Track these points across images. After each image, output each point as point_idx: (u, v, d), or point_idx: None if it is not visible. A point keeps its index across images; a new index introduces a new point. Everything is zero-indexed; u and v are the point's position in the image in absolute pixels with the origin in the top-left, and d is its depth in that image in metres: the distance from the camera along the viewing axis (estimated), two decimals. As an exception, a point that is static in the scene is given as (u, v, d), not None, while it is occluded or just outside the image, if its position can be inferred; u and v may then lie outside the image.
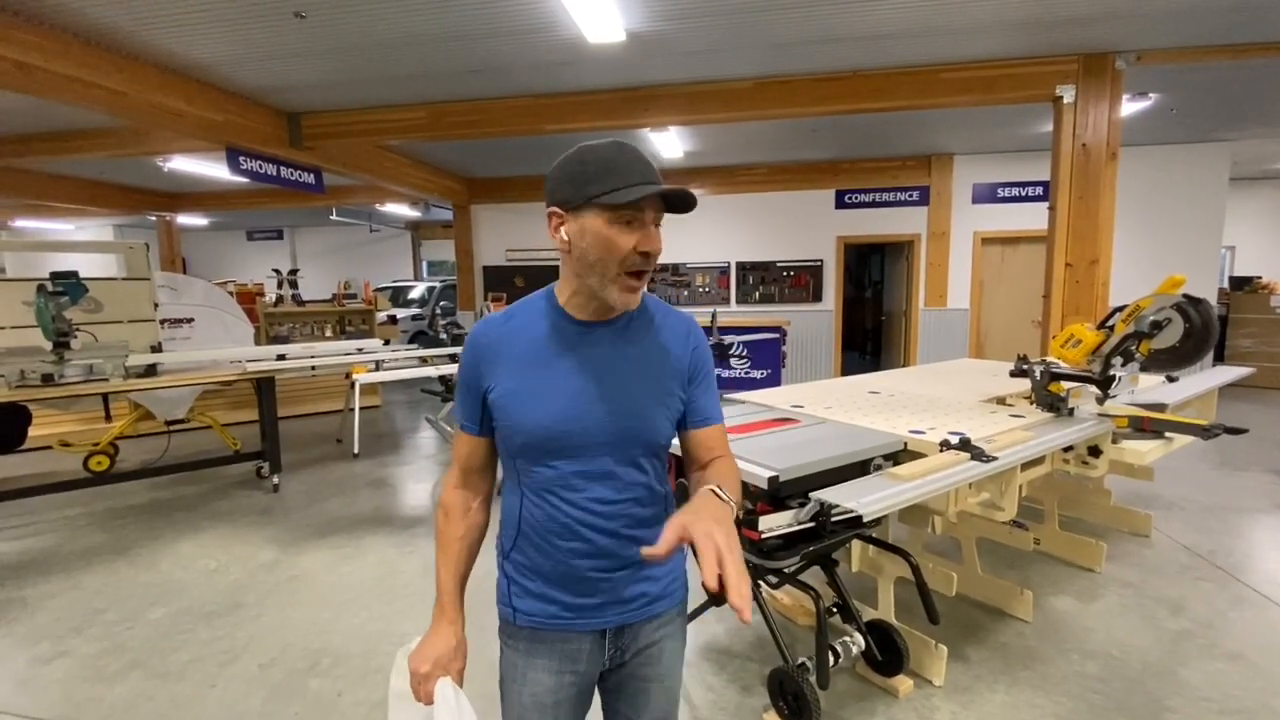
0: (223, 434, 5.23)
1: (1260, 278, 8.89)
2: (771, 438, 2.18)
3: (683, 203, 0.94)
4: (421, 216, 12.48)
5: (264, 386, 4.49)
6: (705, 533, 0.79)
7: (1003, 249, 8.13)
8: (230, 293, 7.16)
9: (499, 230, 9.22)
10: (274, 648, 2.55)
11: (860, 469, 2.04)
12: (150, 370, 4.12)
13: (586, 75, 4.72)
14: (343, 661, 2.44)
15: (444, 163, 8.01)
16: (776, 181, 8.37)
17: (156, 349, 4.27)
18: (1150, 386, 3.27)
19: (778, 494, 1.85)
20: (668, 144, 6.78)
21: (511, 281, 9.13)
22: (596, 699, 1.16)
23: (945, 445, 2.00)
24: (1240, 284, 8.80)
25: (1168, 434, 2.51)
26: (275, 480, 4.52)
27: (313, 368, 5.24)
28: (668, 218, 0.98)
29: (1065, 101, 4.52)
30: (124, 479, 4.49)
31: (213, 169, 7.02)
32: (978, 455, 1.92)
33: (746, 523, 1.86)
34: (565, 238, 0.97)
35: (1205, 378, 3.38)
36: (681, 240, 8.61)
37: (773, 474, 1.79)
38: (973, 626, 2.63)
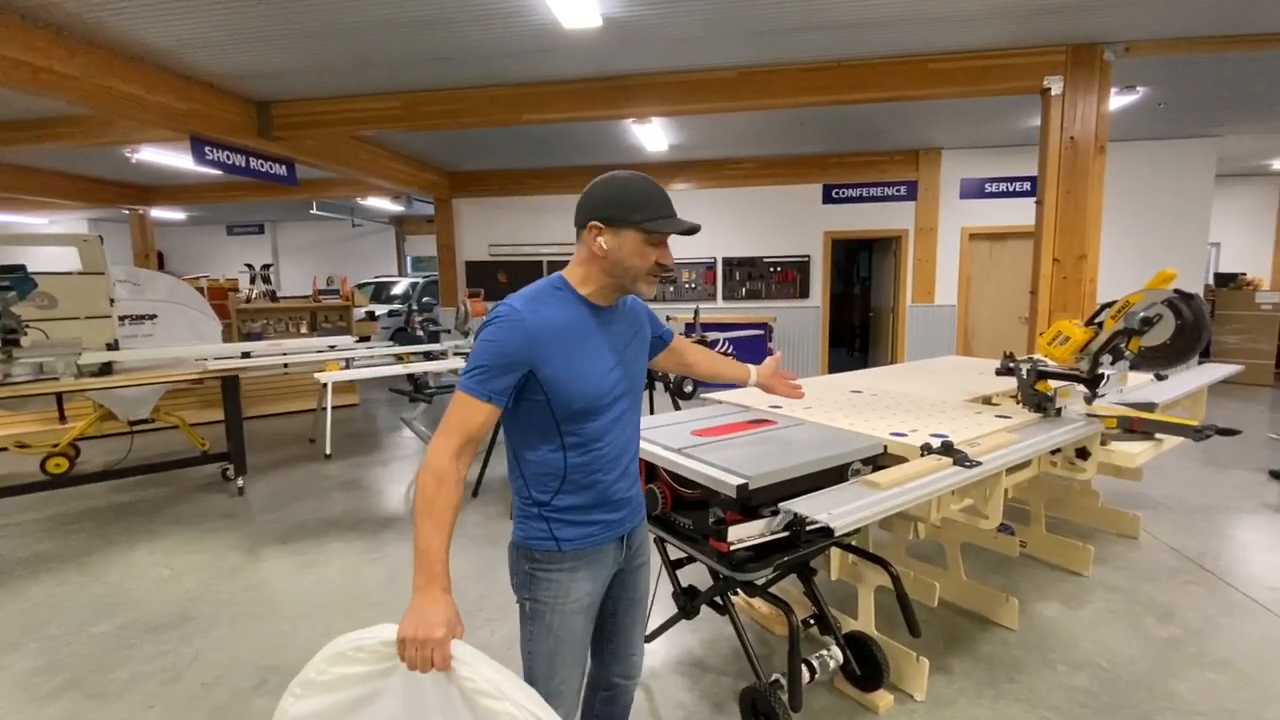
0: (190, 434, 5.06)
1: (1245, 274, 8.89)
2: (744, 441, 2.06)
3: (690, 233, 1.30)
4: (405, 211, 12.25)
5: (229, 385, 4.32)
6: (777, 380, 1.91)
7: (990, 245, 8.06)
8: (202, 288, 6.96)
9: (481, 224, 9.04)
10: (221, 664, 2.40)
11: (837, 474, 1.92)
12: (105, 369, 3.94)
13: (564, 63, 4.58)
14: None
15: (424, 155, 7.82)
16: (763, 176, 8.25)
17: (113, 346, 4.09)
18: (1138, 385, 3.18)
19: (748, 502, 1.73)
20: (652, 137, 6.64)
21: (494, 277, 8.96)
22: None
23: (926, 449, 1.89)
24: (1225, 280, 8.79)
25: (1157, 435, 2.41)
26: (240, 483, 4.35)
27: (285, 365, 5.09)
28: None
29: (1053, 93, 4.42)
30: (83, 482, 4.31)
31: (182, 160, 6.80)
32: (960, 460, 1.81)
33: (715, 534, 1.74)
34: (604, 246, 1.24)
35: (1194, 375, 3.29)
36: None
37: (742, 481, 1.67)
38: (956, 635, 2.53)
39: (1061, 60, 4.39)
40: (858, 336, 11.49)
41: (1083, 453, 2.35)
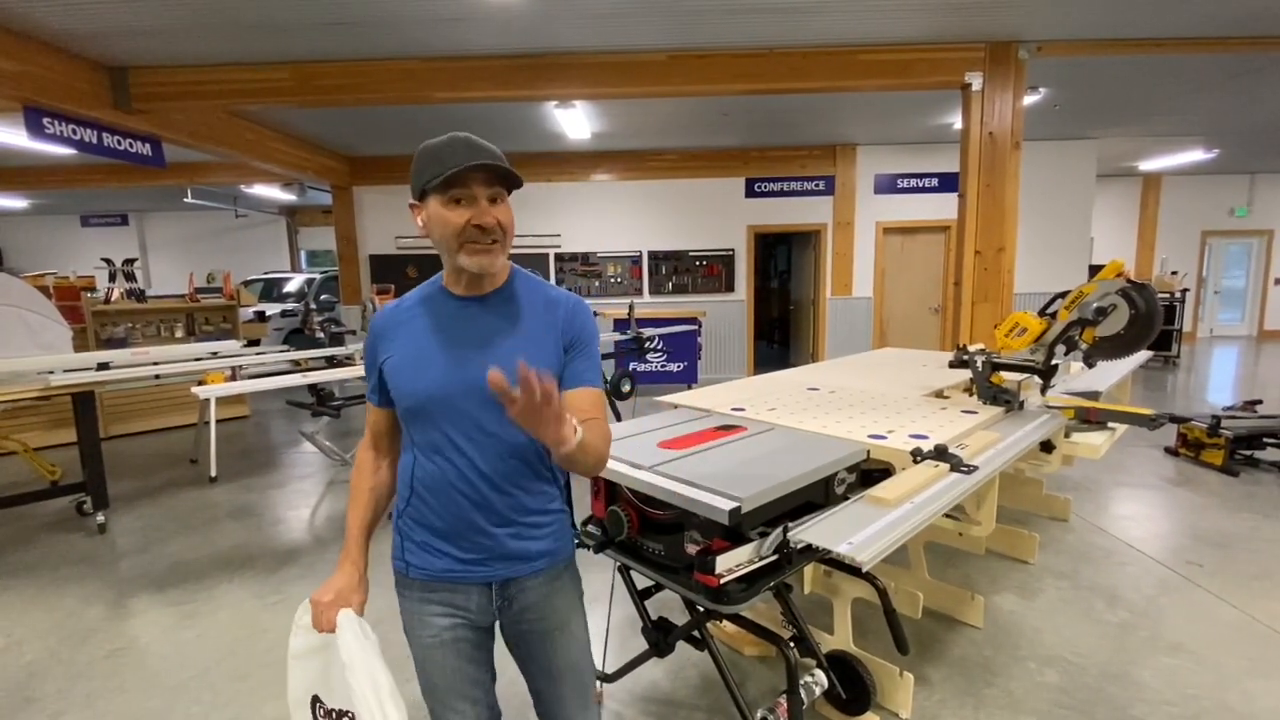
0: (34, 461, 4.24)
1: (1116, 266, 9.77)
2: (719, 453, 1.84)
3: (502, 177, 1.06)
4: (298, 200, 11.18)
5: (82, 402, 3.62)
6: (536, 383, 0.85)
7: (902, 239, 8.36)
8: (47, 288, 5.93)
9: (387, 215, 8.34)
10: (73, 762, 1.91)
11: (824, 485, 1.74)
12: (-91, 389, 3.17)
13: (482, 36, 4.18)
14: None
15: (319, 137, 7.07)
16: (687, 168, 8.13)
17: (-80, 360, 3.31)
18: (1073, 374, 3.26)
19: (739, 526, 1.51)
20: (574, 123, 6.32)
21: (403, 272, 8.30)
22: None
23: (918, 454, 1.75)
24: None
25: (1110, 424, 2.43)
26: (101, 518, 3.66)
27: (156, 376, 4.36)
28: (579, 207, 1.21)
29: (974, 89, 4.53)
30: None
31: (17, 135, 5.73)
32: (957, 466, 1.68)
33: (701, 566, 1.50)
34: (420, 224, 1.12)
35: (1120, 362, 3.42)
36: (592, 228, 8.17)
37: (734, 504, 1.44)
38: (926, 639, 2.45)
39: (981, 57, 4.50)
40: (777, 329, 11.70)
41: (1047, 445, 2.31)
